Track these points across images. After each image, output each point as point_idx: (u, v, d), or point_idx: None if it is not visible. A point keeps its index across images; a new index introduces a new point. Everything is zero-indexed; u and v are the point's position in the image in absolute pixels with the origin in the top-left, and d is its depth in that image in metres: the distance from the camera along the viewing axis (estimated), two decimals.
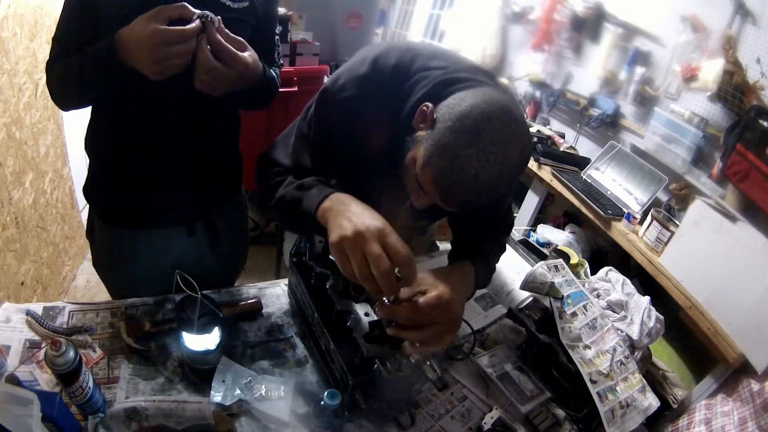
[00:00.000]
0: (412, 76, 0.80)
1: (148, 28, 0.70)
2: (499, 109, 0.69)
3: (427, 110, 0.74)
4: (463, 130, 0.68)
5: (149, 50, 0.70)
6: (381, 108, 0.81)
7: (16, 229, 1.55)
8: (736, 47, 1.77)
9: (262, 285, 1.11)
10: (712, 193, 1.82)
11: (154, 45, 0.70)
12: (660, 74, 2.15)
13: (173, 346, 0.90)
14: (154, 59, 0.71)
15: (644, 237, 1.89)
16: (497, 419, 0.90)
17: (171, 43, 0.70)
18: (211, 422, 0.73)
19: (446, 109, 0.72)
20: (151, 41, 0.70)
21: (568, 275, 1.21)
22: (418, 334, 0.73)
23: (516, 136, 0.69)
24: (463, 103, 0.70)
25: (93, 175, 1.00)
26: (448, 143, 0.69)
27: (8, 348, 0.83)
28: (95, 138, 0.96)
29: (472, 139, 0.67)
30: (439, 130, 0.71)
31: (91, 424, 0.72)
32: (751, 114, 1.66)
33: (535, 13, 2.72)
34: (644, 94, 2.20)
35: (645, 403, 1.04)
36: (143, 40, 0.70)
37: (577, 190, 2.15)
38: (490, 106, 0.69)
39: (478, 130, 0.68)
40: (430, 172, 0.71)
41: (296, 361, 0.94)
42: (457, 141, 0.68)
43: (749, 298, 1.46)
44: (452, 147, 0.69)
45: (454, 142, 0.68)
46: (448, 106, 0.72)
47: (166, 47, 0.70)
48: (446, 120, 0.70)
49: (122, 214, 0.99)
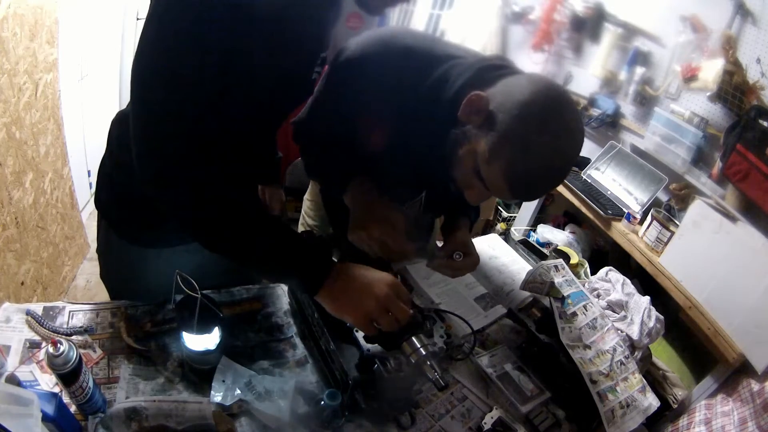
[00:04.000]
0: (439, 61, 0.76)
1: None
2: (558, 94, 0.69)
3: (478, 99, 0.70)
4: (531, 118, 0.66)
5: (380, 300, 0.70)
6: (390, 89, 0.78)
7: (16, 229, 1.55)
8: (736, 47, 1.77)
9: (262, 285, 1.11)
10: (712, 193, 1.82)
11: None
12: (660, 74, 2.15)
13: (173, 346, 0.90)
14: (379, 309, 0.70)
15: (644, 237, 1.88)
16: (497, 419, 0.90)
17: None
18: (211, 422, 0.73)
19: (503, 97, 0.68)
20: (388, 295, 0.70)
21: (568, 275, 1.21)
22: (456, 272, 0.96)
23: (578, 121, 0.71)
24: (523, 90, 0.67)
25: (114, 192, 0.92)
26: (517, 134, 0.66)
27: (8, 348, 0.83)
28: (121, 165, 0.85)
29: (543, 127, 0.66)
30: (503, 121, 0.67)
31: (91, 424, 0.72)
32: (751, 114, 1.65)
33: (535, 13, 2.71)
34: (644, 94, 2.20)
35: (645, 403, 1.04)
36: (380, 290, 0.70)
37: (577, 190, 2.15)
38: (550, 91, 0.68)
39: (547, 118, 0.66)
40: (499, 164, 0.69)
41: (296, 361, 0.94)
42: (528, 130, 0.66)
43: (749, 298, 1.46)
44: (523, 137, 0.66)
45: (524, 132, 0.66)
46: (504, 94, 0.69)
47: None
48: (509, 109, 0.67)
49: (139, 232, 0.92)
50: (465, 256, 0.95)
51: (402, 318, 0.71)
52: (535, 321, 1.12)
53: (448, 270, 0.96)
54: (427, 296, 1.20)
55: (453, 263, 0.94)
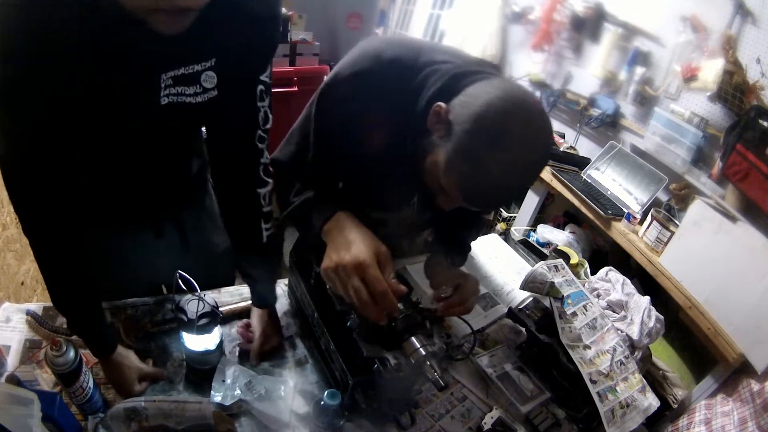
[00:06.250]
0: (420, 69, 0.76)
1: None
2: (515, 104, 0.66)
3: (441, 110, 0.70)
4: (481, 132, 0.65)
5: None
6: (384, 103, 0.79)
7: (16, 229, 1.55)
8: (736, 47, 1.77)
9: None
10: (712, 193, 1.82)
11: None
12: (660, 74, 2.15)
13: (173, 346, 0.90)
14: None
15: (644, 237, 1.89)
16: (497, 419, 0.90)
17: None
18: (211, 422, 0.73)
19: (460, 108, 0.68)
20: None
21: (568, 275, 1.21)
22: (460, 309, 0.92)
23: (537, 130, 0.67)
24: (477, 102, 0.67)
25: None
26: (468, 148, 0.66)
27: (8, 348, 0.83)
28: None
29: (493, 142, 0.65)
30: (456, 134, 0.68)
31: (91, 424, 0.72)
32: (751, 114, 1.66)
33: (535, 13, 2.72)
34: (644, 94, 2.20)
35: (645, 403, 1.04)
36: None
37: (577, 190, 2.15)
38: (505, 102, 0.65)
39: (498, 132, 0.65)
40: (453, 178, 0.70)
41: (296, 361, 0.94)
42: (478, 145, 0.66)
43: (749, 298, 1.46)
44: (473, 152, 0.66)
45: (475, 147, 0.66)
46: (461, 105, 0.69)
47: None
48: (463, 122, 0.67)
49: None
50: (456, 287, 0.91)
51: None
52: (535, 321, 1.12)
53: (452, 310, 0.91)
54: (427, 296, 1.20)
55: (450, 301, 0.91)
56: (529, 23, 2.79)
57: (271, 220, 0.89)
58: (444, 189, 0.74)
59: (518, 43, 2.93)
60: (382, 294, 0.70)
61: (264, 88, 0.79)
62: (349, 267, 0.71)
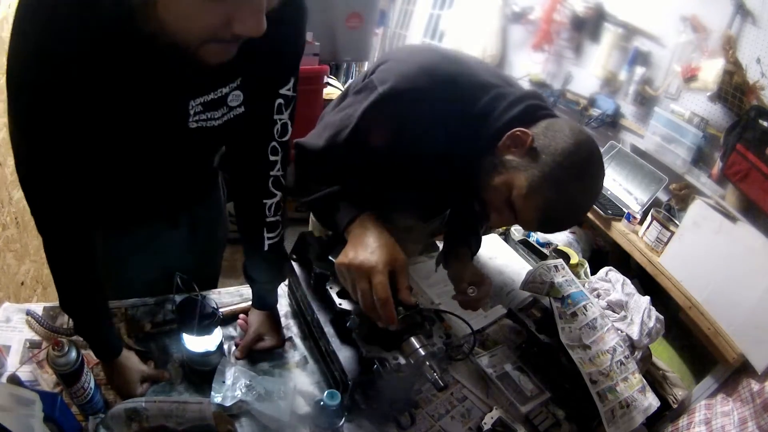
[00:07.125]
0: (480, 91, 0.83)
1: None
2: (593, 146, 0.81)
3: (524, 136, 0.79)
4: (573, 167, 0.77)
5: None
6: (438, 121, 0.82)
7: (16, 229, 1.55)
8: (736, 47, 1.77)
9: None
10: (712, 193, 1.81)
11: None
12: (660, 74, 2.15)
13: (174, 347, 0.90)
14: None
15: (644, 237, 1.88)
16: (497, 419, 0.90)
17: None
18: (212, 423, 0.73)
19: (547, 140, 0.78)
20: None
21: (568, 275, 1.21)
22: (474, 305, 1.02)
23: (603, 167, 0.83)
24: (567, 139, 0.78)
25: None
26: (559, 179, 0.77)
27: (8, 348, 0.83)
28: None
29: (580, 176, 0.78)
30: (546, 163, 0.77)
31: (91, 424, 0.72)
32: (751, 114, 1.65)
33: (535, 13, 2.71)
34: (644, 94, 2.20)
35: (645, 403, 1.04)
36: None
37: None
38: (588, 144, 0.79)
39: (585, 168, 0.79)
40: (536, 202, 0.78)
41: (296, 361, 0.94)
42: (568, 177, 0.77)
43: (749, 298, 1.46)
44: (563, 182, 0.77)
45: (566, 178, 0.77)
46: (549, 138, 0.79)
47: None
48: (553, 153, 0.77)
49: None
50: (478, 285, 0.99)
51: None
52: (535, 321, 1.12)
53: (469, 305, 1.01)
54: (427, 296, 1.20)
55: (471, 298, 0.99)
56: (529, 23, 2.78)
57: (275, 230, 0.89)
58: (511, 209, 0.81)
59: (518, 43, 2.92)
60: (383, 302, 0.72)
61: (284, 102, 0.79)
62: (360, 268, 0.74)
